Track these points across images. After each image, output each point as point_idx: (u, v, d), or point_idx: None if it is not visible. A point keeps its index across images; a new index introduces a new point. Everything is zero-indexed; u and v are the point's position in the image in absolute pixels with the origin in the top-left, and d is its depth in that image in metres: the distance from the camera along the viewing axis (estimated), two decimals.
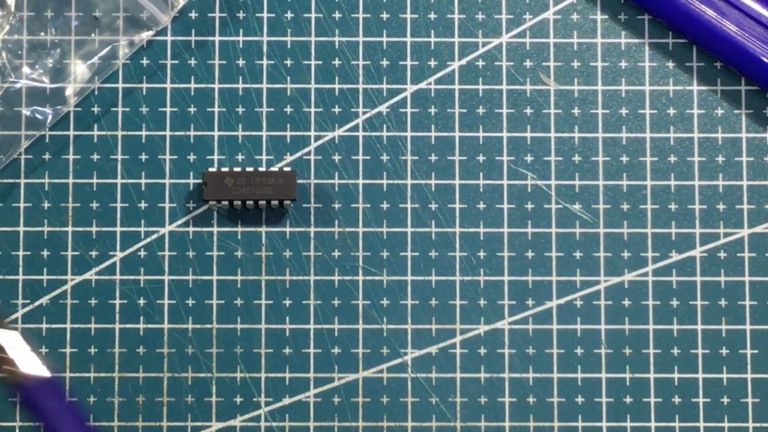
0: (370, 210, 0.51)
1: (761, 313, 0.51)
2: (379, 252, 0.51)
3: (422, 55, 0.52)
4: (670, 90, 0.52)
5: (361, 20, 0.52)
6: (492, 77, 0.52)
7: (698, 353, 0.50)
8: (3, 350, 0.47)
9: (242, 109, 0.51)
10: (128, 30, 0.50)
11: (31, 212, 0.50)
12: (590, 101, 0.52)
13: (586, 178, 0.51)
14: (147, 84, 0.51)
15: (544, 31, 0.52)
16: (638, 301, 0.51)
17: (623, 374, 0.50)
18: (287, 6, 0.52)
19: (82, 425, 0.48)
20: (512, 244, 0.51)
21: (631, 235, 0.51)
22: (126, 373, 0.49)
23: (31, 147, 0.50)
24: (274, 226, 0.50)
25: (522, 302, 0.51)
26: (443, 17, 0.52)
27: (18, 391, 0.48)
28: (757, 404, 0.50)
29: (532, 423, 0.50)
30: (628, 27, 0.52)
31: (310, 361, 0.50)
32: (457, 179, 0.51)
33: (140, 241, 0.50)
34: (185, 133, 0.50)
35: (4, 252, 0.50)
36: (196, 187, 0.50)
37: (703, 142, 0.52)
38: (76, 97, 0.50)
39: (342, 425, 0.49)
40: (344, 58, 0.51)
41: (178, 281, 0.50)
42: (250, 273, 0.50)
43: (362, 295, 0.50)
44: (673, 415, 0.50)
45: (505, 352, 0.51)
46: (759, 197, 0.51)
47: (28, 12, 0.50)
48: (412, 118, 0.51)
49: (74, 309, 0.50)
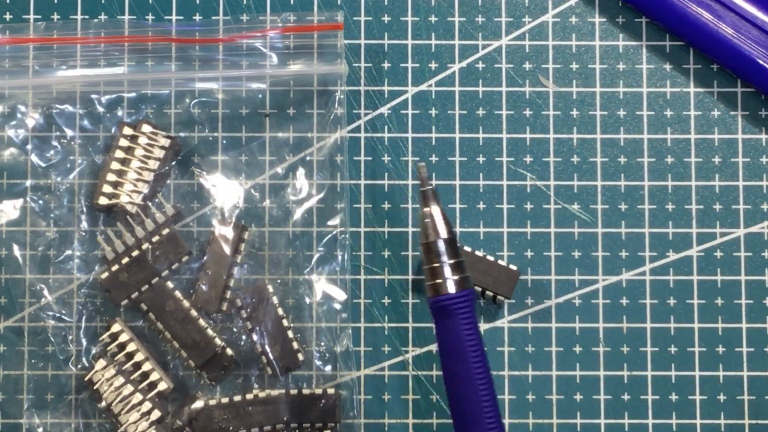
0: (372, 210, 0.51)
1: (757, 312, 0.51)
2: (381, 251, 0.51)
3: (423, 58, 0.52)
4: (668, 92, 0.52)
5: (363, 23, 0.52)
6: (492, 79, 0.52)
7: (695, 351, 0.51)
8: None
9: (246, 111, 0.51)
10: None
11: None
12: (589, 103, 0.52)
13: (584, 179, 0.52)
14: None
15: (543, 34, 0.52)
16: (636, 299, 0.51)
17: (621, 372, 0.51)
18: (289, 9, 0.52)
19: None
20: (512, 244, 0.51)
21: (629, 235, 0.51)
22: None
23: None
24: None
25: (521, 301, 0.51)
26: (444, 20, 0.52)
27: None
28: (753, 401, 0.51)
29: (531, 420, 0.51)
30: (625, 30, 0.52)
31: (312, 359, 0.50)
32: (457, 180, 0.51)
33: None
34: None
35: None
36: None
37: (699, 143, 0.52)
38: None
39: (344, 422, 0.50)
40: (347, 60, 0.51)
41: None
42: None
43: (364, 294, 0.51)
44: (671, 412, 0.50)
45: (505, 350, 0.51)
46: (755, 197, 0.52)
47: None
48: (413, 119, 0.52)
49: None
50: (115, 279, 0.49)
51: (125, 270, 0.49)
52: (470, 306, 0.46)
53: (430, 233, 0.46)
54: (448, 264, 0.46)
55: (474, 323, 0.46)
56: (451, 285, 0.46)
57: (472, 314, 0.46)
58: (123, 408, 0.48)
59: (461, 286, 0.46)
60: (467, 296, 0.46)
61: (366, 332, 0.51)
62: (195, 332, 0.49)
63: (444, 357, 0.46)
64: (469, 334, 0.45)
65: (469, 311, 0.46)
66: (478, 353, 0.45)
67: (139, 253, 0.49)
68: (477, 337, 0.46)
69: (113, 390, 0.49)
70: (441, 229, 0.46)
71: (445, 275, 0.46)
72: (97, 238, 0.50)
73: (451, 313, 0.45)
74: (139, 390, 0.49)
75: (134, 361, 0.49)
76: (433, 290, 0.46)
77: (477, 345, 0.45)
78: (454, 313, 0.45)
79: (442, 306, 0.46)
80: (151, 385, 0.49)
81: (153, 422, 0.48)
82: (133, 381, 0.49)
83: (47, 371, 0.50)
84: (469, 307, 0.46)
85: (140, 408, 0.48)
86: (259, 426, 0.49)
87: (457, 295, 0.46)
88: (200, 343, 0.49)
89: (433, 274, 0.46)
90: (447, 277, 0.46)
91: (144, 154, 0.50)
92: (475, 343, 0.45)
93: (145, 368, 0.49)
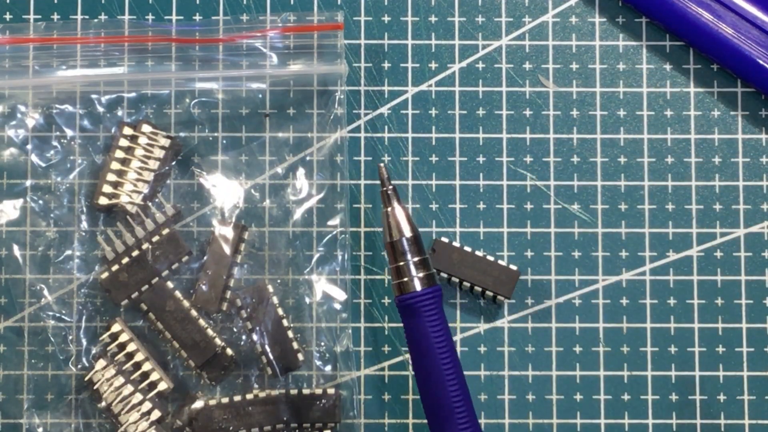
0: (372, 210, 0.51)
1: (757, 312, 0.51)
2: (381, 251, 0.51)
3: (423, 58, 0.52)
4: (668, 92, 0.52)
5: (363, 23, 0.52)
6: (492, 79, 0.52)
7: (695, 351, 0.51)
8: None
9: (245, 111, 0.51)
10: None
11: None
12: (589, 103, 0.52)
13: (584, 179, 0.52)
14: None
15: (543, 34, 0.52)
16: (636, 299, 0.51)
17: (621, 372, 0.51)
18: (289, 9, 0.52)
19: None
20: (512, 244, 0.51)
21: (629, 235, 0.51)
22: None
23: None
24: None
25: (521, 301, 0.51)
26: (444, 20, 0.52)
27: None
28: (753, 401, 0.51)
29: (531, 420, 0.51)
30: (625, 30, 0.53)
31: (312, 358, 0.50)
32: (457, 180, 0.52)
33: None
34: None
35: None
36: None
37: (699, 143, 0.52)
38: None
39: (344, 422, 0.50)
40: (347, 60, 0.51)
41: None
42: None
43: (364, 294, 0.51)
44: (671, 412, 0.51)
45: (505, 350, 0.51)
46: (755, 197, 0.52)
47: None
48: (413, 119, 0.52)
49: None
50: (115, 279, 0.49)
51: (125, 270, 0.49)
52: (437, 303, 0.46)
53: (394, 232, 0.46)
54: (412, 262, 0.46)
55: (442, 320, 0.46)
56: (417, 283, 0.46)
57: (440, 311, 0.46)
58: (123, 408, 0.48)
59: (427, 283, 0.46)
60: (434, 293, 0.46)
61: (366, 332, 0.51)
62: (195, 332, 0.49)
63: (413, 356, 0.46)
64: (436, 331, 0.45)
65: (436, 308, 0.46)
66: (447, 351, 0.45)
67: (139, 253, 0.49)
68: (445, 334, 0.46)
69: (113, 390, 0.49)
70: (404, 227, 0.46)
71: (411, 273, 0.46)
72: (97, 238, 0.50)
73: (417, 311, 0.45)
74: (139, 390, 0.49)
75: (134, 361, 0.49)
76: (398, 289, 0.46)
77: (445, 342, 0.45)
78: (421, 311, 0.45)
79: (408, 304, 0.46)
80: (151, 385, 0.49)
81: (153, 422, 0.48)
82: (133, 381, 0.49)
83: (47, 371, 0.50)
84: (436, 304, 0.46)
85: (140, 408, 0.48)
86: (259, 426, 0.49)
87: (423, 292, 0.46)
88: (200, 343, 0.49)
89: (399, 272, 0.46)
90: (413, 275, 0.46)
91: (144, 154, 0.50)
92: (442, 340, 0.45)
93: (145, 368, 0.49)
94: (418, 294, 0.45)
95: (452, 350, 0.46)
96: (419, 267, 0.46)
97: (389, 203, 0.46)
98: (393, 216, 0.46)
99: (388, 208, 0.46)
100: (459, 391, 0.45)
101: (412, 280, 0.46)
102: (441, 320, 0.46)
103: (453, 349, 0.46)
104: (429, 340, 0.45)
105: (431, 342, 0.45)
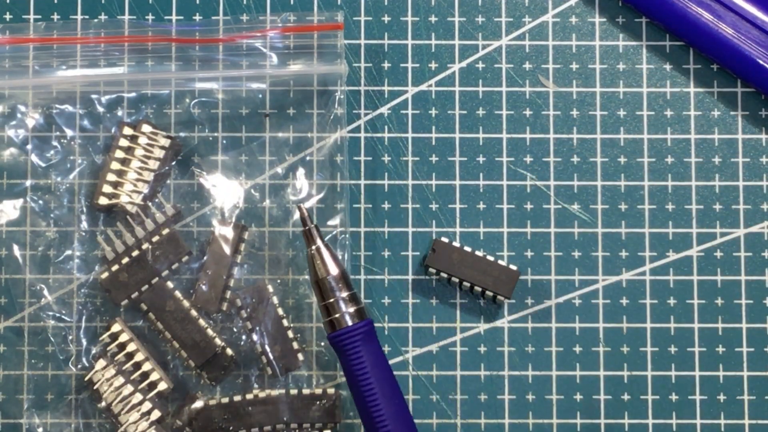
0: (372, 210, 0.51)
1: (757, 312, 0.51)
2: (381, 251, 0.51)
3: (423, 58, 0.52)
4: (668, 92, 0.52)
5: (363, 23, 0.52)
6: (492, 79, 0.52)
7: (695, 351, 0.51)
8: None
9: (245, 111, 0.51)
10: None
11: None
12: (589, 103, 0.52)
13: (584, 179, 0.52)
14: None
15: (543, 34, 0.52)
16: (636, 299, 0.51)
17: (621, 372, 0.51)
18: (289, 9, 0.52)
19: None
20: (512, 244, 0.51)
21: (629, 235, 0.51)
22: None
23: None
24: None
25: (521, 301, 0.51)
26: (444, 20, 0.52)
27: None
28: (753, 401, 0.51)
29: (531, 420, 0.51)
30: (625, 30, 0.53)
31: (312, 358, 0.50)
32: (457, 180, 0.52)
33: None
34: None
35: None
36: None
37: (699, 143, 0.52)
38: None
39: (344, 422, 0.50)
40: (347, 60, 0.51)
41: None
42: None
43: (364, 294, 0.51)
44: (671, 412, 0.51)
45: (505, 350, 0.51)
46: (755, 197, 0.52)
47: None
48: (413, 119, 0.52)
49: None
50: (115, 279, 0.49)
51: (125, 270, 0.49)
52: (370, 336, 0.46)
53: (320, 271, 0.47)
54: (341, 299, 0.46)
55: (377, 353, 0.46)
56: (348, 318, 0.46)
57: (373, 342, 0.46)
58: (123, 408, 0.48)
59: (358, 318, 0.46)
60: (365, 326, 0.46)
61: None
62: (195, 332, 0.49)
63: (351, 389, 0.47)
64: (365, 366, 0.46)
65: (369, 341, 0.46)
66: (373, 385, 0.46)
67: (139, 253, 0.49)
68: (378, 366, 0.46)
69: (113, 390, 0.49)
70: (330, 265, 0.47)
71: (342, 310, 0.46)
72: (97, 238, 0.50)
73: (350, 346, 0.46)
74: (139, 390, 0.49)
75: (134, 361, 0.49)
76: (330, 326, 0.46)
77: (373, 377, 0.46)
78: (353, 346, 0.46)
79: (341, 341, 0.46)
80: (151, 385, 0.49)
81: (153, 422, 0.48)
82: (133, 381, 0.49)
83: (47, 371, 0.50)
84: (370, 336, 0.46)
85: (140, 408, 0.48)
86: (259, 426, 0.49)
87: (355, 327, 0.46)
88: (200, 343, 0.49)
89: (328, 311, 0.46)
90: (343, 311, 0.46)
91: (144, 154, 0.50)
92: (369, 375, 0.46)
93: (145, 368, 0.49)
94: (351, 329, 0.46)
95: (384, 382, 0.46)
96: (349, 302, 0.46)
97: (313, 242, 0.47)
98: (318, 255, 0.47)
99: (313, 246, 0.47)
100: (387, 422, 0.46)
101: (343, 316, 0.46)
102: (374, 352, 0.46)
103: (385, 380, 0.46)
104: (357, 375, 0.46)
105: (365, 377, 0.46)
